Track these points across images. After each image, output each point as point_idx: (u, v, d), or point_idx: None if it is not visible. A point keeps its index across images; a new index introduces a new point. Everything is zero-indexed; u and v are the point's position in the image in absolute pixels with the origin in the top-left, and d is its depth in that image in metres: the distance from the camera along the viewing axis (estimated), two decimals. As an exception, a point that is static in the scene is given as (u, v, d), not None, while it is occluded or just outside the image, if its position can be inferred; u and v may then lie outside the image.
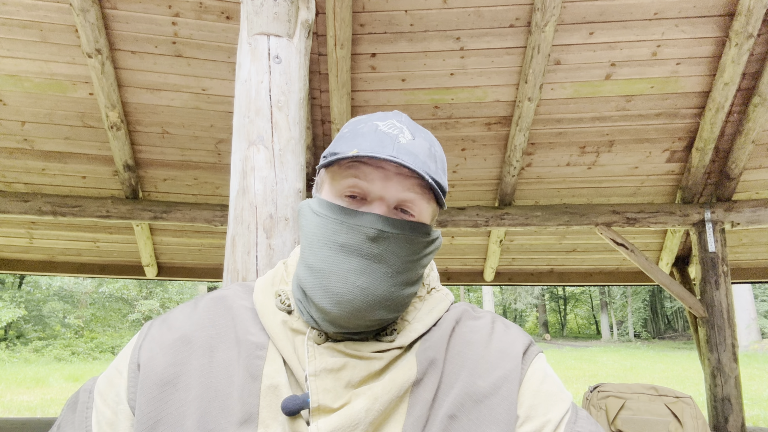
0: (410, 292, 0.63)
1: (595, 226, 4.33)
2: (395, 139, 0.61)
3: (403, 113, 0.69)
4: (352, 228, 0.59)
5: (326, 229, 0.61)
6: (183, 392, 0.60)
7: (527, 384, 0.63)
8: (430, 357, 0.62)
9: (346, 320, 0.59)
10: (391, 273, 0.60)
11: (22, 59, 3.69)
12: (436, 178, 0.62)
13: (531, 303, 30.94)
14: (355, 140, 0.62)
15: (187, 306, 0.70)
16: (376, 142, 0.61)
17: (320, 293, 0.59)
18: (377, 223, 0.59)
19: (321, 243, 0.61)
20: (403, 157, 0.59)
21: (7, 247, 5.30)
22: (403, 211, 0.62)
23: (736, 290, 16.59)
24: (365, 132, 0.63)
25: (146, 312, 20.09)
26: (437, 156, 0.66)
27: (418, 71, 3.78)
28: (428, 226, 0.64)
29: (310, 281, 0.61)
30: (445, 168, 0.68)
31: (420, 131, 0.66)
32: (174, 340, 0.64)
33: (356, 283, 0.58)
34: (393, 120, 0.65)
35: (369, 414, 0.57)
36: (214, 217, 4.49)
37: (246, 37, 1.78)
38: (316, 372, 0.59)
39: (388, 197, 0.61)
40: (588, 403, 3.01)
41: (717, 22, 3.44)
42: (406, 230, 0.60)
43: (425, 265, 0.65)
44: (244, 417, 0.58)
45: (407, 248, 0.61)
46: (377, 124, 0.64)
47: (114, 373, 0.65)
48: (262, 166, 1.63)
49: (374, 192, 0.61)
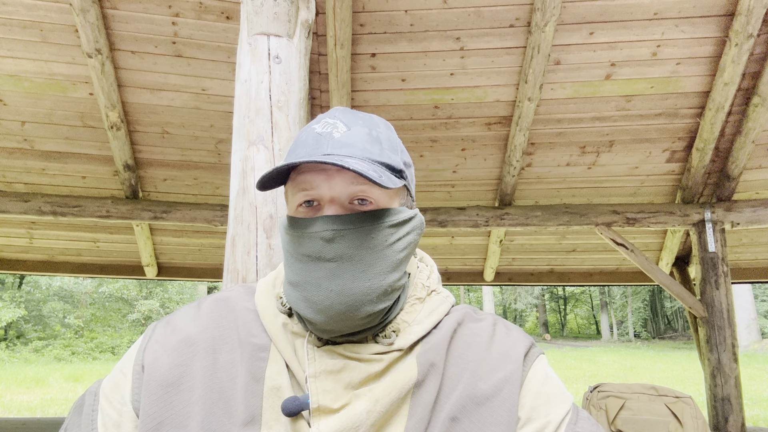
0: (393, 279, 0.62)
1: (595, 226, 4.33)
2: (329, 136, 0.62)
3: (341, 107, 0.69)
4: (310, 236, 0.60)
5: (292, 243, 0.62)
6: (187, 393, 0.61)
7: (528, 386, 0.63)
8: (430, 359, 0.62)
9: (335, 324, 0.60)
10: (363, 268, 0.59)
11: (22, 59, 3.69)
12: (382, 159, 0.62)
13: (531, 303, 30.94)
14: (295, 151, 0.64)
15: (191, 308, 0.71)
16: (312, 146, 0.62)
17: (303, 305, 0.60)
18: (328, 224, 0.59)
19: (292, 258, 0.62)
20: (337, 152, 0.60)
21: (7, 247, 5.30)
22: (360, 202, 0.62)
23: (736, 290, 16.58)
24: (303, 139, 0.64)
25: (146, 312, 20.09)
26: (381, 137, 0.65)
27: (418, 71, 3.78)
28: (390, 209, 0.63)
29: (293, 296, 0.62)
30: (394, 146, 0.67)
31: (357, 119, 0.66)
32: (178, 342, 0.65)
33: (329, 288, 0.58)
34: (327, 118, 0.66)
35: (370, 416, 0.57)
36: (214, 217, 4.49)
37: (246, 37, 1.78)
38: (315, 373, 0.60)
39: (338, 195, 0.61)
40: (588, 403, 3.01)
41: (717, 22, 3.44)
42: (361, 222, 0.60)
43: (404, 248, 0.64)
44: (248, 418, 0.58)
45: (371, 238, 0.60)
46: (314, 127, 0.65)
47: (119, 376, 0.66)
48: (262, 166, 1.63)
49: (323, 195, 0.61)
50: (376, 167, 0.61)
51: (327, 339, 0.63)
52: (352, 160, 0.59)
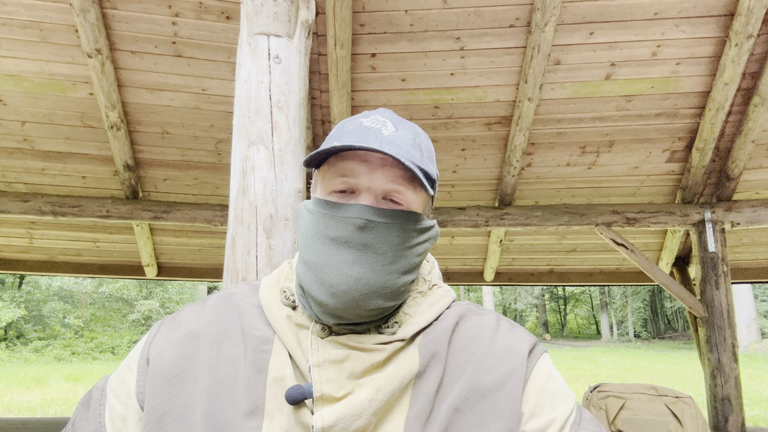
0: (406, 281, 0.64)
1: (595, 226, 4.33)
2: (378, 132, 0.64)
3: (389, 109, 0.71)
4: (341, 220, 0.61)
5: (318, 224, 0.63)
6: (191, 385, 0.62)
7: (533, 382, 0.64)
8: (432, 350, 0.64)
9: (344, 311, 0.61)
10: (384, 262, 0.61)
11: (22, 59, 3.69)
12: (422, 165, 0.64)
13: (531, 303, 30.94)
14: (341, 138, 0.65)
15: (196, 305, 0.73)
16: (360, 137, 0.63)
17: (317, 286, 0.61)
18: (364, 213, 0.61)
19: (314, 238, 0.63)
20: (386, 148, 0.61)
21: (7, 247, 5.30)
22: (391, 201, 0.64)
23: (736, 290, 16.58)
24: (350, 129, 0.66)
25: (146, 312, 20.09)
26: (423, 146, 0.67)
27: (418, 71, 3.78)
28: (418, 214, 0.65)
29: (307, 276, 0.63)
30: (432, 157, 0.69)
31: (404, 124, 0.68)
32: (182, 336, 0.66)
33: (349, 274, 0.60)
34: (376, 115, 0.68)
35: (372, 404, 0.58)
36: (214, 217, 4.49)
37: (246, 37, 1.77)
38: (319, 363, 0.61)
39: (375, 188, 0.63)
40: (588, 403, 3.01)
41: (717, 22, 3.44)
42: (394, 218, 0.62)
43: (420, 254, 0.66)
44: (251, 408, 0.59)
45: (398, 236, 0.62)
46: (361, 121, 0.67)
47: (125, 371, 0.67)
48: (262, 166, 1.63)
49: (361, 184, 0.63)
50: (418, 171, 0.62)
51: (330, 330, 0.64)
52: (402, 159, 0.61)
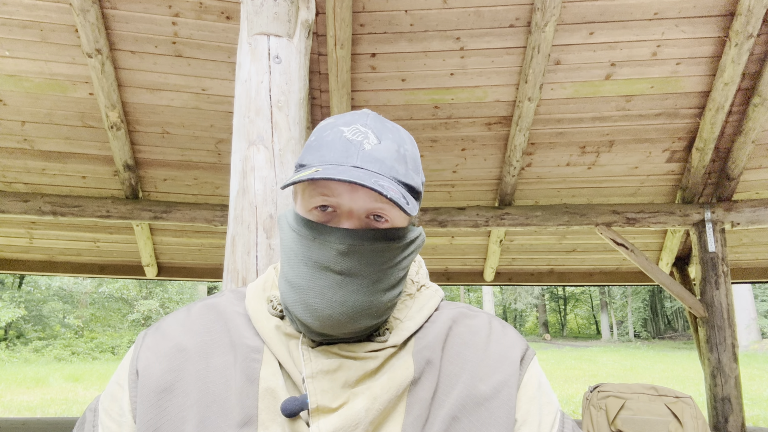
0: (391, 296, 0.63)
1: (595, 226, 4.33)
2: (360, 146, 0.61)
3: (372, 112, 0.68)
4: (324, 244, 0.59)
5: (301, 245, 0.61)
6: (181, 398, 0.61)
7: (524, 389, 0.65)
8: (426, 357, 0.63)
9: (329, 330, 0.60)
10: (368, 283, 0.60)
11: (22, 59, 3.69)
12: (406, 180, 0.62)
13: (531, 303, 30.93)
14: (320, 151, 0.62)
15: (180, 313, 0.71)
16: (341, 152, 0.60)
17: (301, 308, 0.60)
18: (346, 239, 0.59)
19: (298, 259, 0.61)
20: (367, 166, 0.59)
21: (7, 247, 5.30)
22: (376, 216, 0.62)
23: (736, 290, 16.59)
24: (330, 141, 0.62)
25: (146, 312, 20.10)
26: (407, 156, 0.65)
27: (418, 71, 3.78)
28: (402, 229, 0.63)
29: (290, 297, 0.62)
30: (417, 166, 0.67)
31: (387, 131, 0.65)
32: (169, 348, 0.65)
33: (333, 298, 0.59)
34: (357, 124, 0.64)
35: (369, 413, 0.58)
36: (214, 217, 4.49)
37: (246, 37, 1.77)
38: (312, 374, 0.60)
39: (357, 209, 0.61)
40: (588, 403, 3.00)
41: (717, 22, 3.44)
42: (377, 240, 0.60)
43: (405, 267, 0.65)
44: (244, 419, 0.58)
45: (381, 257, 0.61)
46: (342, 130, 0.63)
47: (115, 388, 0.66)
48: (262, 166, 1.63)
49: (343, 205, 0.61)
50: (401, 190, 0.60)
51: (321, 340, 0.64)
52: (383, 180, 0.58)
